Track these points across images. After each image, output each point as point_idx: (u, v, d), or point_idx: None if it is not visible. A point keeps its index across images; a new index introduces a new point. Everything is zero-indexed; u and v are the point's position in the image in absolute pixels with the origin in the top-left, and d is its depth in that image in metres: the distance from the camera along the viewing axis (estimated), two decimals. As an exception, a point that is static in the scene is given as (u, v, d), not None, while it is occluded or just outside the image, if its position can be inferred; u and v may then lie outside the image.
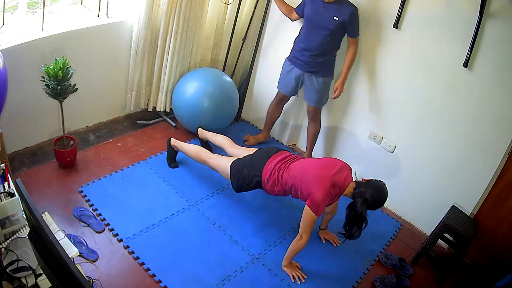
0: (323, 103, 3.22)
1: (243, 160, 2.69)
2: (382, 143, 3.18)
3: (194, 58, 3.58)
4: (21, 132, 2.95)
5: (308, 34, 2.96)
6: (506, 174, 2.65)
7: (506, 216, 2.71)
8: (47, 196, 2.71)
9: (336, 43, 2.97)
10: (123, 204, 2.78)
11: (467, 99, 2.68)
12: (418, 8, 2.71)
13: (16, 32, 2.71)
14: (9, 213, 2.02)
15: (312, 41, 2.93)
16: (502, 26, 2.43)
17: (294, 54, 3.10)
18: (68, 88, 2.68)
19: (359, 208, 2.30)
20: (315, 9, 2.88)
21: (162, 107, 3.59)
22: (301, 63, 3.06)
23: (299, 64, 3.08)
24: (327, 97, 3.21)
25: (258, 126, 3.89)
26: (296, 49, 3.07)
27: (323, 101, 3.22)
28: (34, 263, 1.89)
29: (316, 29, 2.90)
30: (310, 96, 3.17)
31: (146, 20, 3.12)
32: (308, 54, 2.98)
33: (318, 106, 3.22)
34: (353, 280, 2.65)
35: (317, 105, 3.21)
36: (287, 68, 3.18)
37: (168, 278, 2.39)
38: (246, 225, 2.85)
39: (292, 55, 3.13)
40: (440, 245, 2.99)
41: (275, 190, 2.57)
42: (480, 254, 2.89)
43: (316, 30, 2.89)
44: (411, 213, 3.20)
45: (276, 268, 2.61)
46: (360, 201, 2.31)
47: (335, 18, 2.80)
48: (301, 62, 3.06)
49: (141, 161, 3.18)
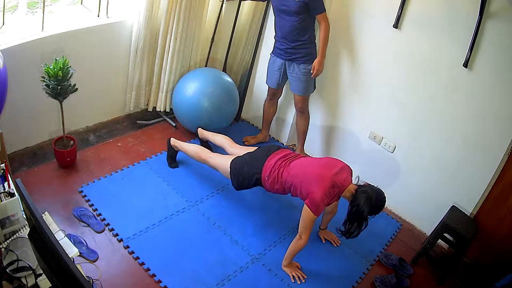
0: (309, 91, 3.23)
1: (243, 158, 2.69)
2: (382, 143, 3.18)
3: (194, 58, 3.58)
4: (21, 132, 2.95)
5: (279, 22, 3.02)
6: (506, 174, 2.65)
7: (506, 216, 2.71)
8: (47, 196, 2.71)
9: (308, 25, 2.97)
10: (123, 204, 2.78)
11: (467, 99, 2.68)
12: (418, 8, 2.71)
13: (16, 32, 2.71)
14: (9, 213, 2.02)
15: (284, 27, 2.98)
16: (502, 26, 2.43)
17: (275, 45, 3.17)
18: (68, 88, 2.68)
19: (362, 205, 2.28)
20: None
21: (162, 107, 3.59)
22: (280, 52, 3.12)
23: (278, 54, 3.15)
24: (313, 86, 3.22)
25: (258, 126, 3.89)
26: (275, 40, 3.15)
27: (310, 90, 3.22)
28: (34, 263, 1.89)
29: (283, 15, 2.94)
30: (295, 85, 3.20)
31: (146, 20, 3.12)
32: (283, 40, 3.04)
33: (304, 94, 3.22)
34: (353, 280, 2.65)
35: (302, 93, 3.21)
36: (270, 60, 3.26)
37: (168, 278, 2.39)
38: (246, 225, 2.85)
39: (274, 46, 3.20)
40: (440, 245, 2.99)
41: (274, 188, 2.57)
42: (480, 254, 2.89)
43: (284, 16, 2.95)
44: (411, 213, 3.20)
45: (276, 268, 2.60)
46: (364, 197, 2.29)
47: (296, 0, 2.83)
48: (280, 51, 3.12)
49: (141, 161, 3.18)
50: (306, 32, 2.99)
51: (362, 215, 2.30)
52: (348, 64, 3.15)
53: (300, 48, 3.02)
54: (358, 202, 2.30)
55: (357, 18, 2.97)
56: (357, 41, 3.05)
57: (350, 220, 2.37)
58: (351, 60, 3.13)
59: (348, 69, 3.17)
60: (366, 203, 2.29)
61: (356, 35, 3.03)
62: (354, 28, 3.00)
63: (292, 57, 3.08)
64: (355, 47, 3.07)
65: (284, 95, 3.53)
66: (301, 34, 2.98)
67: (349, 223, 2.38)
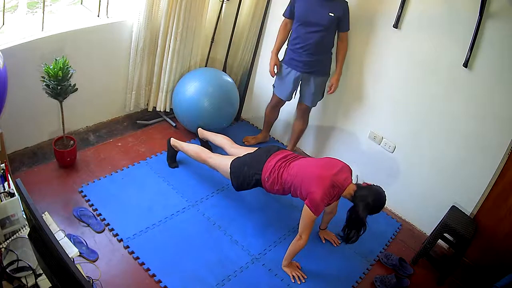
0: (318, 101, 3.24)
1: (243, 158, 2.70)
2: (382, 143, 3.18)
3: (194, 58, 3.58)
4: (21, 132, 2.95)
5: (302, 33, 2.91)
6: (506, 174, 2.65)
7: (506, 216, 2.71)
8: (47, 196, 2.71)
9: (331, 39, 2.97)
10: (123, 204, 2.78)
11: (467, 99, 2.68)
12: (418, 8, 2.71)
13: (16, 32, 2.71)
14: (9, 213, 2.02)
15: (309, 39, 2.89)
16: (502, 26, 2.43)
17: (290, 56, 3.04)
18: (68, 88, 2.68)
19: (361, 213, 2.31)
20: (308, 7, 2.85)
21: (162, 107, 3.59)
22: (298, 63, 3.01)
23: (296, 66, 3.03)
24: (322, 96, 3.23)
25: (258, 126, 3.89)
26: (292, 50, 3.02)
27: (318, 100, 3.23)
28: (34, 263, 1.89)
29: (311, 27, 2.86)
30: (307, 96, 3.16)
31: (146, 20, 3.12)
32: (306, 53, 2.95)
33: (313, 105, 3.24)
34: (353, 280, 2.65)
35: (312, 104, 3.22)
36: (284, 71, 3.11)
37: (168, 278, 2.39)
38: (246, 225, 2.85)
39: (288, 57, 3.07)
40: (440, 245, 2.99)
41: (274, 188, 2.57)
42: (480, 254, 2.89)
43: (311, 28, 2.86)
44: (411, 213, 3.20)
45: (276, 268, 2.60)
46: (362, 205, 2.32)
47: (331, 14, 2.79)
48: (298, 63, 3.01)
49: (141, 161, 3.18)
50: (330, 47, 3.00)
51: (361, 221, 2.33)
52: (348, 64, 3.15)
53: (322, 61, 3.01)
54: (356, 210, 2.33)
55: (357, 18, 2.97)
56: (357, 41, 3.04)
57: (349, 227, 2.40)
58: (351, 60, 3.13)
59: (348, 69, 3.17)
60: (364, 210, 2.31)
61: (356, 35, 3.03)
62: (354, 28, 2.99)
63: (311, 70, 3.02)
64: (355, 47, 3.07)
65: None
66: (326, 48, 2.98)
67: (348, 229, 2.41)
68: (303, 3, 2.87)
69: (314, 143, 3.62)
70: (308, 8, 2.85)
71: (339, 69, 3.04)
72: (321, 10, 2.81)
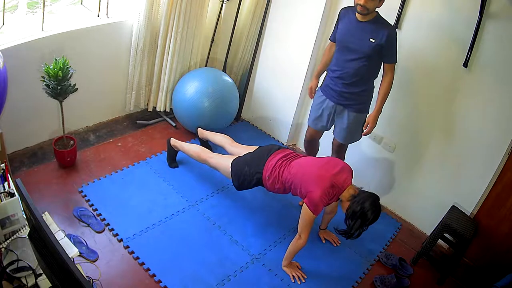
0: (354, 140, 2.86)
1: (244, 158, 2.69)
2: (382, 143, 3.18)
3: (194, 58, 3.58)
4: (21, 132, 2.95)
5: (341, 60, 2.57)
6: (506, 174, 2.65)
7: (506, 216, 2.71)
8: (47, 196, 2.71)
9: (373, 70, 2.59)
10: (123, 204, 2.78)
11: (467, 99, 2.68)
12: (418, 8, 2.71)
13: (16, 32, 2.71)
14: (9, 213, 2.02)
15: (345, 67, 2.55)
16: (502, 26, 2.43)
17: (327, 83, 2.72)
18: (68, 88, 2.68)
19: (366, 204, 2.23)
20: (347, 29, 2.51)
21: (162, 107, 3.59)
22: (333, 93, 2.67)
23: (331, 95, 2.70)
24: (360, 134, 2.81)
25: (258, 126, 3.89)
26: (329, 77, 2.69)
27: (355, 138, 2.84)
28: (34, 263, 1.89)
29: (349, 53, 2.52)
30: (338, 131, 2.82)
31: (146, 20, 3.12)
32: (341, 83, 2.60)
33: (346, 143, 2.87)
34: (353, 280, 2.65)
35: (344, 141, 2.85)
36: (318, 99, 2.79)
37: (168, 278, 2.39)
38: (246, 225, 2.85)
39: (325, 83, 2.75)
40: (440, 245, 2.99)
41: (275, 187, 2.57)
42: (480, 254, 2.89)
43: (350, 55, 2.51)
44: (411, 213, 3.20)
45: (276, 268, 2.60)
46: (366, 195, 2.27)
47: (371, 40, 2.43)
48: (333, 93, 2.67)
49: (141, 161, 3.18)
50: (370, 79, 2.63)
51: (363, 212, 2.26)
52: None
53: (358, 95, 2.64)
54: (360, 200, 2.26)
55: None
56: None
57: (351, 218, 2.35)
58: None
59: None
60: (367, 201, 2.26)
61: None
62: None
63: (346, 103, 2.66)
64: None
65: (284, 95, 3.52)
66: (364, 81, 2.59)
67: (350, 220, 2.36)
68: (345, 25, 2.54)
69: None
70: (348, 31, 2.51)
71: (378, 106, 2.61)
72: (362, 34, 2.45)
